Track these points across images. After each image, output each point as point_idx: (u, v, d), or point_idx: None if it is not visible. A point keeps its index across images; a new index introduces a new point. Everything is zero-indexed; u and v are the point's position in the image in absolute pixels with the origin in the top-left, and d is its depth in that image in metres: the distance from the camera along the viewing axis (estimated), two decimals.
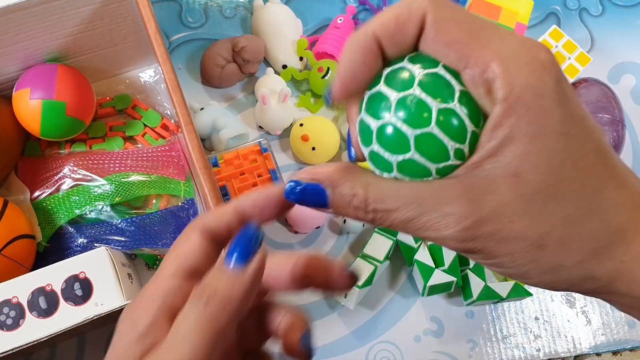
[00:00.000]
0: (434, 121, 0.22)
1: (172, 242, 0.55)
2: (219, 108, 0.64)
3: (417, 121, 0.22)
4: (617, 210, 0.22)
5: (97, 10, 0.54)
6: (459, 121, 0.22)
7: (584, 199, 0.21)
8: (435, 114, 0.22)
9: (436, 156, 0.22)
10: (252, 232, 0.24)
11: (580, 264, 0.22)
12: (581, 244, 0.22)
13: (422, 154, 0.22)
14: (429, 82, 0.22)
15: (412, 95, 0.22)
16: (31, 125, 0.56)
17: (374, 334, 0.59)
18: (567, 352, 0.60)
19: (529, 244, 0.22)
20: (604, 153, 0.22)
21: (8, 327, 0.45)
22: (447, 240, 0.22)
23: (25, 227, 0.53)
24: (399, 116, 0.22)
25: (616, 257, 0.22)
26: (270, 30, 0.66)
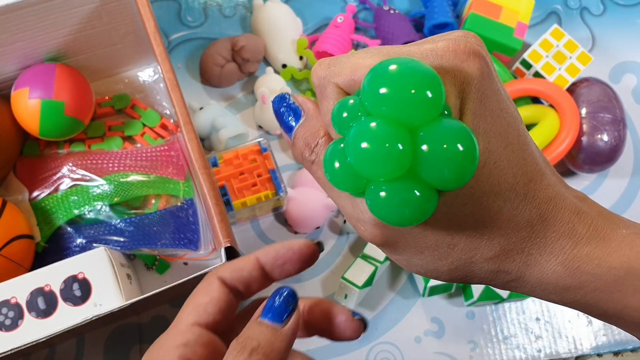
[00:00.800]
0: None
1: (171, 243, 0.55)
2: (219, 107, 0.64)
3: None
4: (525, 207, 0.22)
5: (96, 10, 0.54)
6: None
7: (499, 196, 0.21)
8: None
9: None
10: (290, 291, 0.25)
11: (490, 260, 0.23)
12: (490, 242, 0.22)
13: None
14: None
15: None
16: (30, 125, 0.55)
17: (374, 334, 0.58)
18: (568, 352, 0.59)
19: (438, 242, 0.22)
20: (519, 147, 0.22)
21: (7, 328, 0.45)
22: (359, 222, 0.23)
23: (23, 227, 0.53)
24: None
25: (524, 251, 0.22)
26: (270, 29, 0.66)
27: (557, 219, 0.22)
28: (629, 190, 0.66)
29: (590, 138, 0.61)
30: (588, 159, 0.62)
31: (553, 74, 0.65)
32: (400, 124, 0.18)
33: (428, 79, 0.18)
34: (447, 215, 0.22)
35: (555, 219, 0.22)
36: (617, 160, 0.63)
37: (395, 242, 0.23)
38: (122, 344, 0.57)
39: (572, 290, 0.23)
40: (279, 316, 0.24)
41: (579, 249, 0.22)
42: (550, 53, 0.65)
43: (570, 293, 0.23)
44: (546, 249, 0.22)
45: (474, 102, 0.21)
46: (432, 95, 0.18)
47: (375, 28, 0.68)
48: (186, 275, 0.45)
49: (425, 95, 0.18)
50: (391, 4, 0.70)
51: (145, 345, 0.57)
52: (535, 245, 0.22)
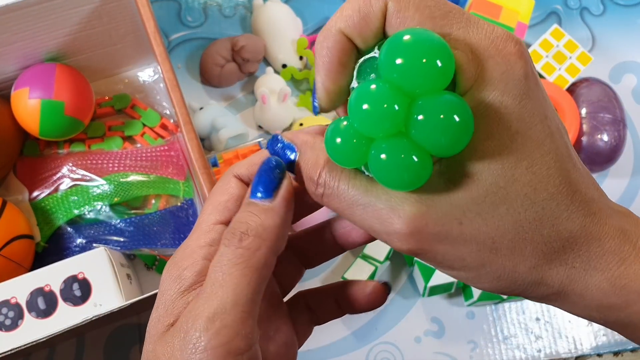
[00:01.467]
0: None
1: (171, 243, 0.55)
2: (219, 107, 0.64)
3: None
4: (569, 216, 0.21)
5: (96, 10, 0.54)
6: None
7: (537, 204, 0.21)
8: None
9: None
10: (274, 162, 0.24)
11: (533, 269, 0.22)
12: (534, 250, 0.21)
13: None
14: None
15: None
16: (30, 125, 0.55)
17: (374, 334, 0.58)
18: (568, 352, 0.59)
19: (480, 247, 0.21)
20: (562, 157, 0.21)
21: (7, 328, 0.45)
22: (391, 235, 0.22)
23: (23, 227, 0.53)
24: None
25: (568, 263, 0.22)
26: (270, 29, 0.66)
27: (602, 234, 0.22)
28: (629, 190, 0.66)
29: (590, 138, 0.61)
30: (588, 159, 0.62)
31: (553, 74, 0.65)
32: (401, 90, 0.19)
33: (439, 49, 0.19)
34: (481, 216, 0.21)
35: (600, 234, 0.22)
36: (617, 160, 0.63)
37: (433, 249, 0.22)
38: (122, 344, 0.57)
39: (617, 309, 0.22)
40: (266, 192, 0.23)
41: (625, 267, 0.21)
42: (550, 53, 0.65)
43: (614, 312, 0.22)
44: (590, 263, 0.22)
45: (515, 100, 0.20)
46: (442, 64, 0.19)
47: None
48: None
49: (435, 64, 0.19)
50: None
51: None
52: (578, 258, 0.22)
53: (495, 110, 0.20)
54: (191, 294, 0.23)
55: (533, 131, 0.20)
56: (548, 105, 0.21)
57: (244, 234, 0.22)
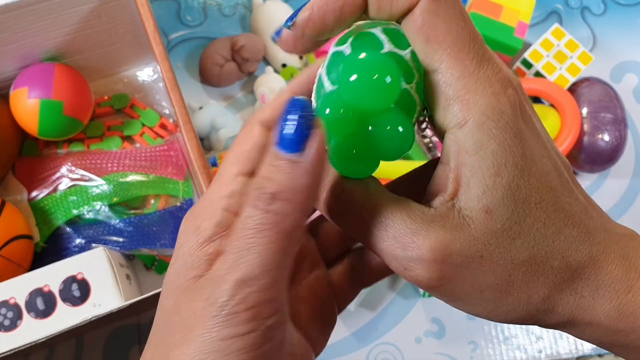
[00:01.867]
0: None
1: (170, 243, 0.55)
2: (218, 107, 0.63)
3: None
4: (577, 247, 0.22)
5: (95, 9, 0.54)
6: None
7: (547, 238, 0.21)
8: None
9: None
10: (302, 103, 0.21)
11: (546, 299, 0.22)
12: (545, 279, 0.22)
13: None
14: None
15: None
16: (29, 125, 0.55)
17: (374, 335, 0.58)
18: (569, 353, 0.59)
19: (498, 280, 0.22)
20: (565, 191, 0.22)
21: (5, 328, 0.44)
22: (414, 261, 0.21)
23: (22, 227, 0.53)
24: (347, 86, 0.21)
25: (577, 292, 0.22)
26: (269, 28, 0.65)
27: (609, 262, 0.22)
28: (630, 190, 0.66)
29: (591, 138, 0.61)
30: (589, 159, 0.62)
31: (554, 73, 0.64)
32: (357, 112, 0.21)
33: (386, 68, 0.20)
34: (499, 249, 0.21)
35: (606, 262, 0.22)
36: (618, 160, 0.62)
37: (454, 280, 0.21)
38: (122, 345, 0.56)
39: (624, 333, 0.22)
40: (294, 144, 0.20)
41: (632, 294, 0.22)
42: (551, 52, 0.65)
43: (621, 336, 0.23)
44: (599, 292, 0.22)
45: (515, 139, 0.21)
46: (391, 81, 0.20)
47: None
48: None
49: (384, 83, 0.20)
50: None
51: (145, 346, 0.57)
52: (587, 287, 0.22)
53: (499, 146, 0.21)
54: (211, 246, 0.21)
55: (536, 168, 0.21)
56: (546, 142, 0.22)
57: (272, 196, 0.20)
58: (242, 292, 0.20)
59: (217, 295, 0.20)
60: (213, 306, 0.20)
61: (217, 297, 0.20)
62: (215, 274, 0.21)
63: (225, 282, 0.20)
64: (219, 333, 0.20)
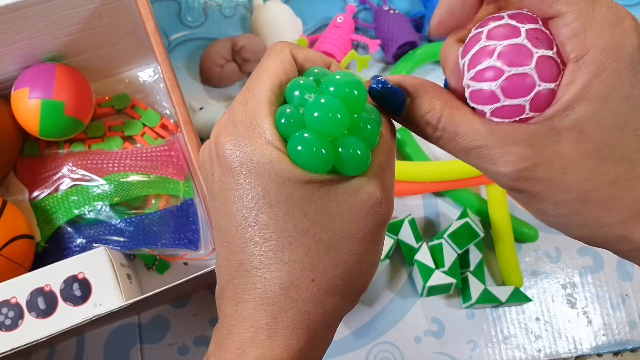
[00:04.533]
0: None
1: (171, 243, 0.55)
2: (219, 107, 0.64)
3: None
4: None
5: (96, 10, 0.54)
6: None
7: (636, 165, 0.22)
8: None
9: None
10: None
11: (619, 225, 0.23)
12: (623, 206, 0.23)
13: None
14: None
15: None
16: (30, 125, 0.55)
17: (374, 334, 0.58)
18: (568, 352, 0.59)
19: (574, 197, 0.23)
20: None
21: (7, 328, 0.45)
22: (501, 175, 0.24)
23: (24, 227, 0.53)
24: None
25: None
26: (270, 29, 0.66)
27: None
28: None
29: None
30: None
31: None
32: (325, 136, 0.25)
33: (340, 110, 0.25)
34: (584, 170, 0.22)
35: None
36: None
37: (534, 191, 0.24)
38: (122, 344, 0.57)
39: None
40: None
41: None
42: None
43: None
44: None
45: (627, 67, 0.22)
46: (343, 115, 0.25)
47: (375, 28, 0.68)
48: (186, 275, 0.45)
49: (343, 115, 0.25)
50: (391, 4, 0.70)
51: (145, 345, 0.57)
52: None
53: (610, 75, 0.22)
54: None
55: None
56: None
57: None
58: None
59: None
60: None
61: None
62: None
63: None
64: None
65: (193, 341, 0.57)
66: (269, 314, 0.24)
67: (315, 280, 0.24)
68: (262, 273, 0.24)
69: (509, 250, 0.60)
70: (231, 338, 0.25)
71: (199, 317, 0.58)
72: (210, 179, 0.26)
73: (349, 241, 0.25)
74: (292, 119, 0.25)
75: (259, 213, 0.24)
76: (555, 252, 0.62)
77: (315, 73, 0.27)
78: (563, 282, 0.62)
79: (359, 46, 0.69)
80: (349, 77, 0.25)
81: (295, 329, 0.24)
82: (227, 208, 0.25)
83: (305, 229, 0.24)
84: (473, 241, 0.58)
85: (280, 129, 0.25)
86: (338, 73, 0.26)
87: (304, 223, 0.24)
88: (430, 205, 0.63)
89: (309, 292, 0.24)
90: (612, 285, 0.62)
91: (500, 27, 0.24)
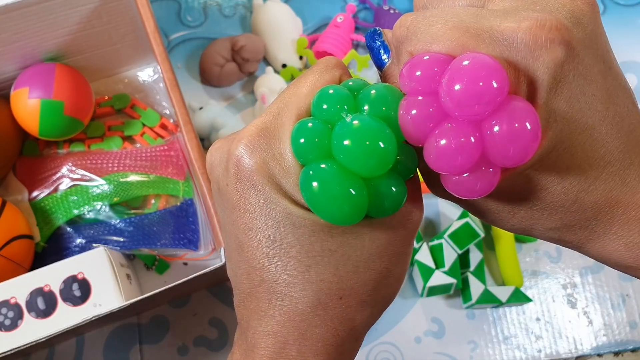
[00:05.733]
0: None
1: (170, 243, 0.55)
2: (218, 107, 0.64)
3: None
4: (596, 189, 0.22)
5: (96, 9, 0.54)
6: None
7: (566, 180, 0.22)
8: None
9: None
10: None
11: (550, 230, 0.23)
12: (551, 217, 0.23)
13: None
14: None
15: None
16: (29, 125, 0.55)
17: (374, 334, 0.58)
18: (568, 353, 0.59)
19: (500, 209, 0.23)
20: (596, 132, 0.22)
21: (6, 328, 0.44)
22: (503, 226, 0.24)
23: (23, 227, 0.53)
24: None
25: (588, 227, 0.23)
26: (269, 29, 0.66)
27: (630, 203, 0.22)
28: None
29: None
30: None
31: None
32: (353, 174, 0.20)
33: (383, 137, 0.20)
34: (508, 188, 0.22)
35: (627, 203, 0.22)
36: None
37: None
38: (122, 344, 0.57)
39: (632, 269, 0.23)
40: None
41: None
42: None
43: (630, 271, 0.24)
44: (611, 229, 0.22)
45: (553, 95, 0.20)
46: (385, 148, 0.20)
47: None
48: (186, 275, 0.45)
49: (379, 150, 0.20)
50: (391, 4, 0.70)
51: (145, 346, 0.57)
52: (600, 223, 0.22)
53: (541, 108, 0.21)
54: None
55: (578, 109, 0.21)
56: (593, 87, 0.21)
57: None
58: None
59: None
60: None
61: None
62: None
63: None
64: None
65: (193, 341, 0.57)
66: (297, 330, 0.23)
67: (343, 298, 0.24)
68: (288, 291, 0.23)
69: (510, 251, 0.60)
70: (257, 352, 0.24)
71: (198, 317, 0.58)
72: (224, 188, 0.24)
73: (378, 258, 0.24)
74: (317, 138, 0.21)
75: (283, 232, 0.23)
76: (556, 252, 0.62)
77: (350, 85, 0.23)
78: (563, 282, 0.61)
79: (359, 46, 0.69)
80: (389, 90, 0.22)
81: (325, 345, 0.24)
82: (247, 224, 0.23)
83: (333, 249, 0.23)
84: (473, 241, 0.58)
85: (298, 151, 0.21)
86: (374, 86, 0.22)
87: (331, 244, 0.23)
88: (431, 205, 0.63)
89: (337, 309, 0.24)
90: (612, 285, 0.62)
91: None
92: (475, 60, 0.19)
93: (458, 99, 0.19)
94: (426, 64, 0.20)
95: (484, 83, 0.18)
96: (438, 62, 0.20)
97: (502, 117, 0.19)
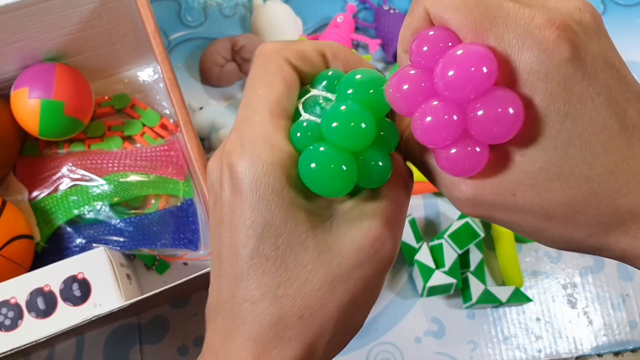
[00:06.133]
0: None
1: (170, 243, 0.55)
2: (218, 107, 0.64)
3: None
4: (628, 191, 0.21)
5: (96, 9, 0.54)
6: None
7: (592, 180, 0.21)
8: None
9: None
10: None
11: (591, 237, 0.22)
12: (588, 221, 0.22)
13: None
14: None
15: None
16: (29, 125, 0.55)
17: (374, 334, 0.58)
18: (568, 353, 0.59)
19: (534, 216, 0.22)
20: (619, 132, 0.21)
21: (6, 328, 0.44)
22: (454, 200, 0.24)
23: (23, 227, 0.53)
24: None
25: (629, 233, 0.22)
26: (269, 29, 0.66)
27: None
28: None
29: None
30: None
31: None
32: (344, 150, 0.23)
33: (364, 119, 0.23)
34: (535, 190, 0.22)
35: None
36: None
37: (491, 216, 0.24)
38: (122, 344, 0.57)
39: None
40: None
41: None
42: None
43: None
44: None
45: (559, 86, 0.20)
46: (366, 126, 0.23)
47: (375, 28, 0.68)
48: (186, 275, 0.45)
49: (360, 129, 0.23)
50: (391, 4, 0.70)
51: (145, 346, 0.57)
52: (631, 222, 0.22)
53: (540, 98, 0.21)
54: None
55: (584, 111, 0.21)
56: (607, 80, 0.21)
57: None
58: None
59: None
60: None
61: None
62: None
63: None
64: None
65: (193, 341, 0.57)
66: (254, 352, 0.23)
67: (303, 318, 0.23)
68: (253, 308, 0.23)
69: (510, 251, 0.60)
70: None
71: (199, 317, 0.58)
72: (219, 204, 0.25)
73: (345, 279, 0.24)
74: (310, 132, 0.24)
75: (261, 244, 0.23)
76: (556, 252, 0.62)
77: (329, 76, 0.25)
78: (563, 282, 0.61)
79: (359, 46, 0.69)
80: (370, 75, 0.24)
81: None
82: (231, 238, 0.24)
83: (304, 263, 0.23)
84: (473, 241, 0.58)
85: (297, 144, 0.24)
86: (357, 72, 0.24)
87: (303, 257, 0.23)
88: (431, 205, 0.63)
89: (295, 330, 0.23)
90: (612, 285, 0.62)
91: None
92: (470, 48, 0.21)
93: (450, 81, 0.21)
94: (432, 39, 0.22)
95: (475, 69, 0.20)
96: (443, 38, 0.22)
97: (487, 101, 0.21)
